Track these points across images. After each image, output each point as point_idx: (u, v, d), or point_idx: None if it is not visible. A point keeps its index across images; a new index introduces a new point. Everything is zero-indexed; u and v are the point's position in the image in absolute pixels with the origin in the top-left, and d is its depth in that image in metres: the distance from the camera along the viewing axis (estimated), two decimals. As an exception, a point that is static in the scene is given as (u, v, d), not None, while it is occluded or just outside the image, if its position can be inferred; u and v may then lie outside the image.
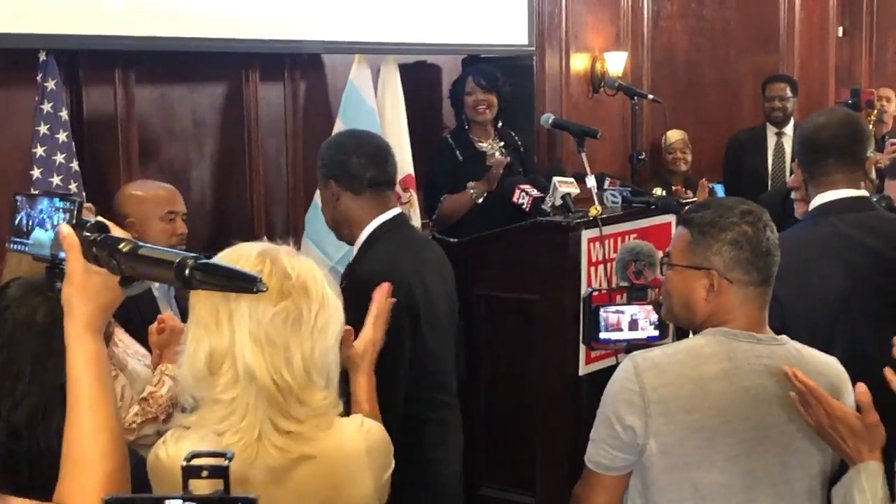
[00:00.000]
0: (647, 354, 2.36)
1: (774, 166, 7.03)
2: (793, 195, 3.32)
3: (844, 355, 2.54)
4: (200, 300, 1.84)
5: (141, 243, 1.59)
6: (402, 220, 3.35)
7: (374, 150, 3.28)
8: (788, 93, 7.14)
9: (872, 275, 2.90)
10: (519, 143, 5.42)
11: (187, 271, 1.47)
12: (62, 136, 4.30)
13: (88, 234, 1.64)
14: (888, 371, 2.24)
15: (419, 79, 6.12)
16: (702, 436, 2.26)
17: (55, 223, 1.70)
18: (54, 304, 1.67)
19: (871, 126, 7.32)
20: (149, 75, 4.93)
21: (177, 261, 1.48)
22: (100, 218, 1.69)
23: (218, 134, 5.28)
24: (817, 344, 2.59)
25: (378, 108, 5.49)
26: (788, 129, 7.05)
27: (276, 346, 1.79)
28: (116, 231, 1.66)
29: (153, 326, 2.85)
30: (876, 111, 7.67)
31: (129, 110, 4.86)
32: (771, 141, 7.08)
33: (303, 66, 5.59)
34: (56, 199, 1.73)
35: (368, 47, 5.51)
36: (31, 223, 1.74)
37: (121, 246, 1.59)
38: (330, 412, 1.88)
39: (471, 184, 5.00)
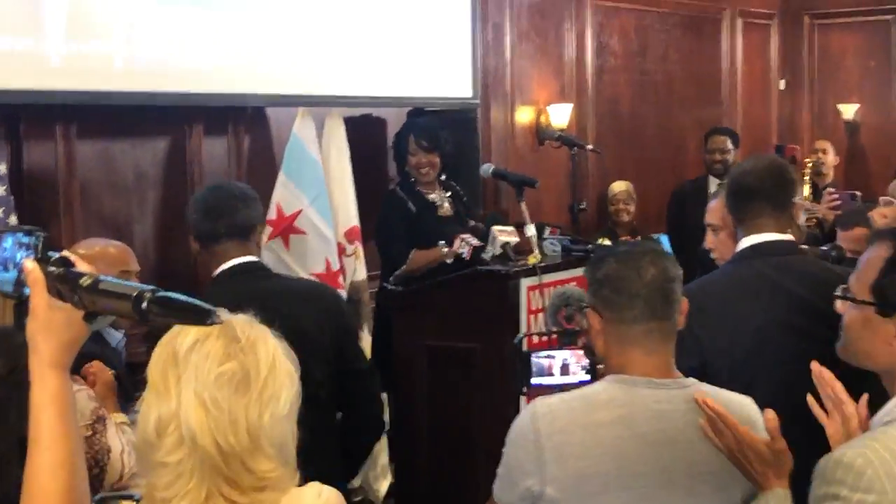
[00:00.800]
0: (546, 401, 2.38)
1: (715, 217, 7.12)
2: (712, 255, 3.40)
3: (763, 394, 2.57)
4: (154, 365, 1.80)
5: (102, 277, 1.59)
6: (244, 267, 3.30)
7: (211, 204, 3.32)
8: (729, 145, 7.24)
9: (789, 315, 2.95)
10: (461, 193, 5.45)
11: (144, 304, 1.48)
12: (0, 191, 4.29)
13: (52, 268, 1.63)
14: (811, 398, 2.28)
15: (364, 132, 6.16)
16: (597, 482, 2.27)
17: (18, 260, 1.69)
18: (14, 354, 1.67)
19: (807, 178, 7.47)
20: (90, 130, 4.93)
21: (135, 294, 1.49)
22: (65, 252, 1.68)
23: (161, 188, 5.28)
24: (737, 383, 2.61)
25: (323, 161, 5.50)
26: (730, 181, 7.15)
27: (220, 409, 1.74)
28: (80, 265, 1.65)
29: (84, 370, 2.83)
30: (812, 164, 7.81)
31: (70, 165, 4.86)
32: (713, 192, 7.18)
33: (246, 120, 5.61)
34: (20, 235, 1.71)
35: (312, 100, 5.54)
36: None
37: (82, 280, 1.58)
38: (280, 486, 1.80)
39: (443, 243, 4.95)
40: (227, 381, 1.75)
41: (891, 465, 1.92)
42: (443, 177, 5.36)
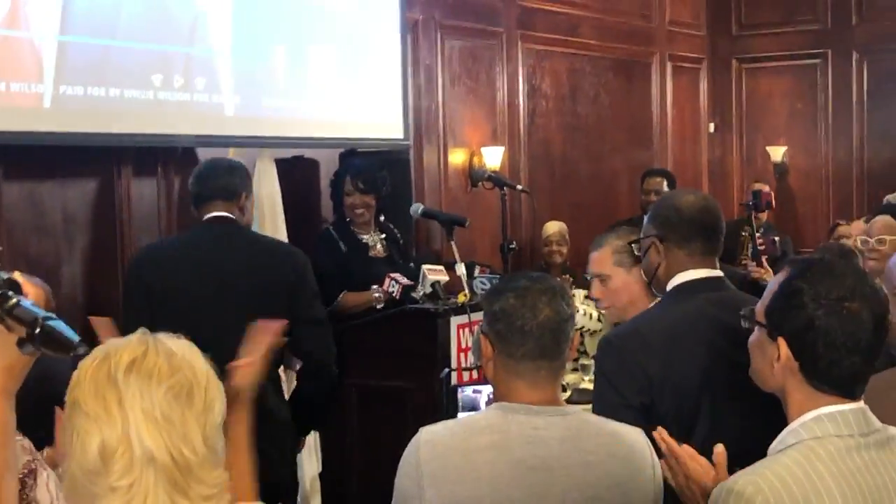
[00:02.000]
0: (431, 428, 2.42)
1: (650, 257, 7.17)
2: (600, 305, 3.51)
3: (708, 431, 2.60)
4: (83, 391, 1.75)
5: (25, 302, 1.58)
6: (219, 219, 3.99)
7: (203, 172, 4.11)
8: (665, 186, 7.28)
9: (732, 351, 2.96)
10: (398, 234, 5.45)
11: (37, 329, 1.52)
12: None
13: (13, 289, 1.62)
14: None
15: (296, 173, 6.16)
16: None
17: None
18: None
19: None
20: (16, 171, 4.88)
21: (33, 318, 1.53)
22: (15, 274, 1.66)
23: (89, 230, 5.23)
24: (683, 419, 2.65)
25: (256, 203, 5.48)
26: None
27: (172, 423, 1.73)
28: (27, 288, 1.64)
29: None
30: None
31: (-5, 206, 4.80)
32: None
33: (176, 161, 5.58)
34: None
35: (244, 141, 5.54)
36: None
37: (7, 303, 1.59)
38: (224, 493, 1.81)
39: (375, 287, 4.93)
40: (175, 395, 1.74)
41: (780, 493, 1.96)
42: (381, 218, 5.35)
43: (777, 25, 9.95)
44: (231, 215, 4.01)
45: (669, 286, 3.05)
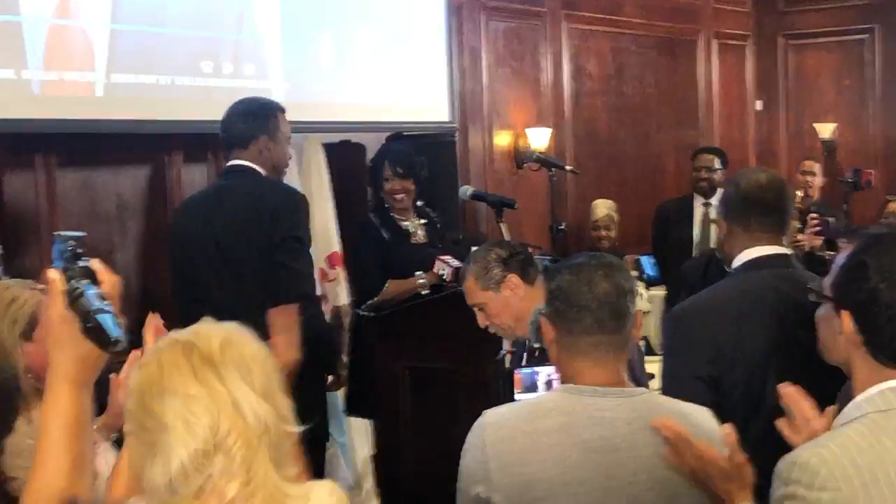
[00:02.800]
0: (496, 410, 2.44)
1: (700, 236, 7.14)
2: (490, 329, 3.55)
3: (776, 404, 2.61)
4: (176, 380, 1.70)
5: (90, 291, 1.60)
6: (233, 168, 4.12)
7: (224, 123, 4.17)
8: (717, 164, 7.20)
9: (799, 326, 2.97)
10: (436, 220, 5.43)
11: (88, 323, 1.55)
12: (-18, 220, 4.30)
13: (72, 279, 1.64)
14: (779, 422, 2.33)
15: (344, 157, 6.19)
16: (540, 488, 2.31)
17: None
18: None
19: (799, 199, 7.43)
20: (70, 159, 4.95)
21: (86, 311, 1.56)
22: (93, 262, 1.68)
23: (141, 216, 5.29)
24: (752, 392, 2.67)
25: (303, 187, 5.52)
26: (715, 200, 7.14)
27: (274, 399, 1.76)
28: (104, 275, 1.66)
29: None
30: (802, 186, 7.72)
31: (50, 194, 4.87)
32: (698, 211, 7.20)
33: (226, 147, 5.63)
34: (57, 242, 1.73)
35: (291, 126, 5.55)
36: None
37: (75, 293, 1.61)
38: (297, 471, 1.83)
39: (419, 273, 4.98)
40: (262, 369, 1.76)
41: (843, 464, 1.96)
42: (419, 203, 5.36)
43: (824, 1, 9.83)
44: (244, 162, 4.09)
45: (735, 263, 3.08)
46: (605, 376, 2.40)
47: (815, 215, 5.88)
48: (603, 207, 7.25)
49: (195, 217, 4.09)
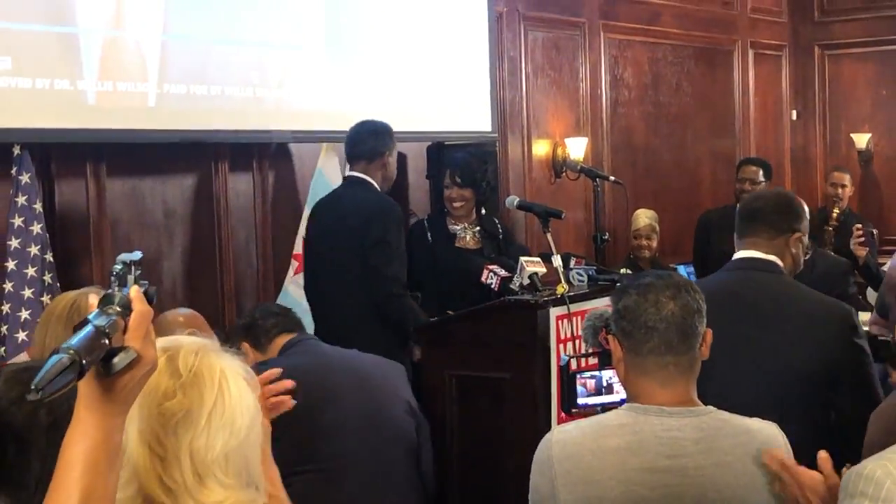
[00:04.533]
0: (563, 427, 2.48)
1: (743, 247, 7.11)
2: None
3: (718, 388, 2.72)
4: None
5: (92, 324, 1.46)
6: (350, 180, 4.97)
7: (351, 137, 4.99)
8: (761, 176, 7.12)
9: (752, 329, 3.24)
10: (500, 230, 5.50)
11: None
12: (36, 229, 4.37)
13: (101, 304, 1.52)
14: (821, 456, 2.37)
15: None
16: None
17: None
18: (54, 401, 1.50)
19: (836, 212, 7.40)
20: (119, 168, 5.02)
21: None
22: (132, 289, 1.55)
23: (188, 224, 5.36)
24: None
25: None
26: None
27: (164, 448, 1.69)
28: (135, 303, 1.53)
29: None
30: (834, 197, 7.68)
31: (100, 203, 4.94)
32: None
33: (271, 156, 5.70)
34: (116, 265, 1.61)
35: (335, 136, 5.62)
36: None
37: (78, 325, 1.48)
38: None
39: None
40: (168, 418, 1.70)
41: None
42: (482, 211, 5.42)
43: (860, 11, 9.81)
44: (359, 174, 4.83)
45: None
46: (672, 396, 2.40)
47: (859, 226, 5.88)
48: (644, 217, 7.22)
49: (319, 220, 4.90)
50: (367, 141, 4.83)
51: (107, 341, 1.47)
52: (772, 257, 3.32)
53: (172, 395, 1.70)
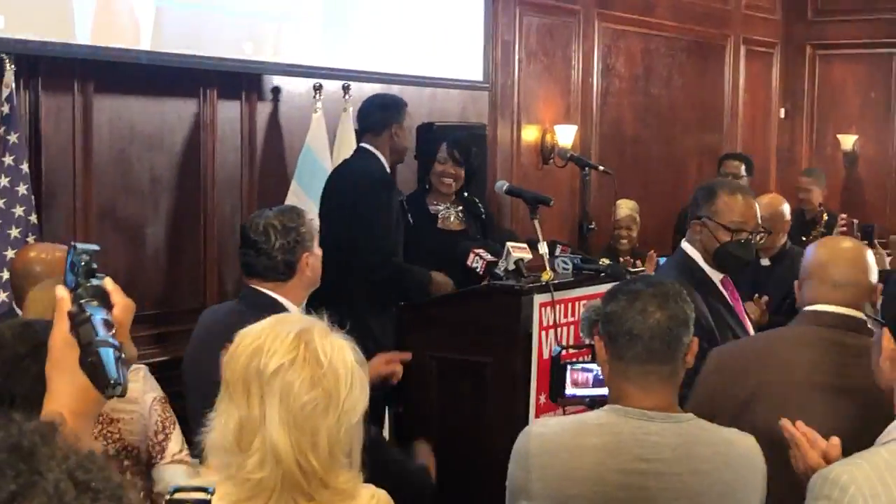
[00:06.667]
0: (544, 422, 2.52)
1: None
2: None
3: None
4: (233, 370, 1.82)
5: (98, 317, 1.43)
6: (360, 152, 5.06)
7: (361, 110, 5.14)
8: (743, 171, 7.15)
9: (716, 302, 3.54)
10: (482, 211, 5.42)
11: (88, 357, 1.38)
12: (22, 189, 4.33)
13: (81, 299, 1.46)
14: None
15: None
16: (577, 503, 2.34)
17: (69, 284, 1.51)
18: (35, 336, 1.59)
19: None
20: (107, 87, 4.93)
21: (87, 341, 1.39)
22: (106, 281, 1.51)
23: (174, 192, 5.31)
24: None
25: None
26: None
27: (303, 432, 1.79)
28: (116, 296, 1.49)
29: None
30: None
31: (86, 122, 4.85)
32: None
33: (257, 89, 5.66)
34: (70, 252, 1.54)
35: (329, 72, 5.67)
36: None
37: (80, 317, 1.43)
38: (350, 493, 1.86)
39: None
40: (312, 408, 1.80)
41: (874, 483, 1.98)
42: (465, 193, 5.37)
43: (853, 13, 9.83)
44: (366, 146, 4.98)
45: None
46: (653, 401, 2.41)
47: (844, 216, 5.93)
48: (626, 208, 7.24)
49: (325, 187, 5.06)
50: (375, 113, 4.97)
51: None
52: None
53: (316, 385, 1.80)
